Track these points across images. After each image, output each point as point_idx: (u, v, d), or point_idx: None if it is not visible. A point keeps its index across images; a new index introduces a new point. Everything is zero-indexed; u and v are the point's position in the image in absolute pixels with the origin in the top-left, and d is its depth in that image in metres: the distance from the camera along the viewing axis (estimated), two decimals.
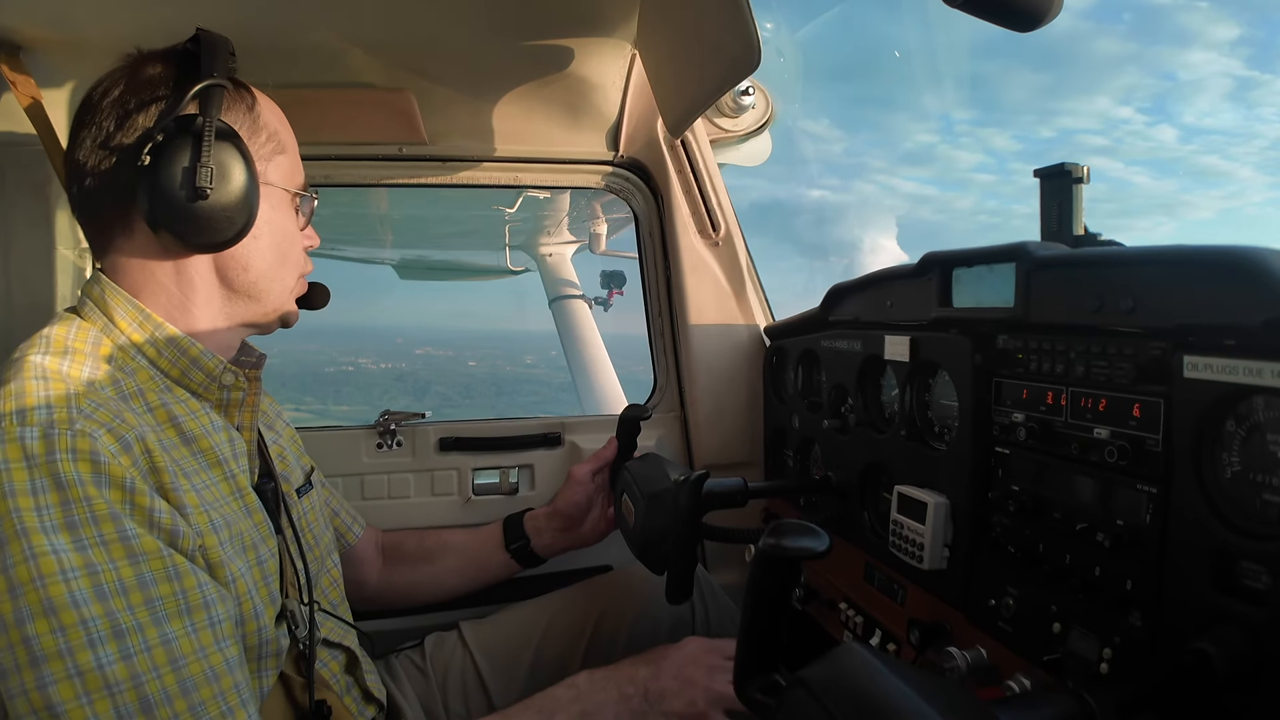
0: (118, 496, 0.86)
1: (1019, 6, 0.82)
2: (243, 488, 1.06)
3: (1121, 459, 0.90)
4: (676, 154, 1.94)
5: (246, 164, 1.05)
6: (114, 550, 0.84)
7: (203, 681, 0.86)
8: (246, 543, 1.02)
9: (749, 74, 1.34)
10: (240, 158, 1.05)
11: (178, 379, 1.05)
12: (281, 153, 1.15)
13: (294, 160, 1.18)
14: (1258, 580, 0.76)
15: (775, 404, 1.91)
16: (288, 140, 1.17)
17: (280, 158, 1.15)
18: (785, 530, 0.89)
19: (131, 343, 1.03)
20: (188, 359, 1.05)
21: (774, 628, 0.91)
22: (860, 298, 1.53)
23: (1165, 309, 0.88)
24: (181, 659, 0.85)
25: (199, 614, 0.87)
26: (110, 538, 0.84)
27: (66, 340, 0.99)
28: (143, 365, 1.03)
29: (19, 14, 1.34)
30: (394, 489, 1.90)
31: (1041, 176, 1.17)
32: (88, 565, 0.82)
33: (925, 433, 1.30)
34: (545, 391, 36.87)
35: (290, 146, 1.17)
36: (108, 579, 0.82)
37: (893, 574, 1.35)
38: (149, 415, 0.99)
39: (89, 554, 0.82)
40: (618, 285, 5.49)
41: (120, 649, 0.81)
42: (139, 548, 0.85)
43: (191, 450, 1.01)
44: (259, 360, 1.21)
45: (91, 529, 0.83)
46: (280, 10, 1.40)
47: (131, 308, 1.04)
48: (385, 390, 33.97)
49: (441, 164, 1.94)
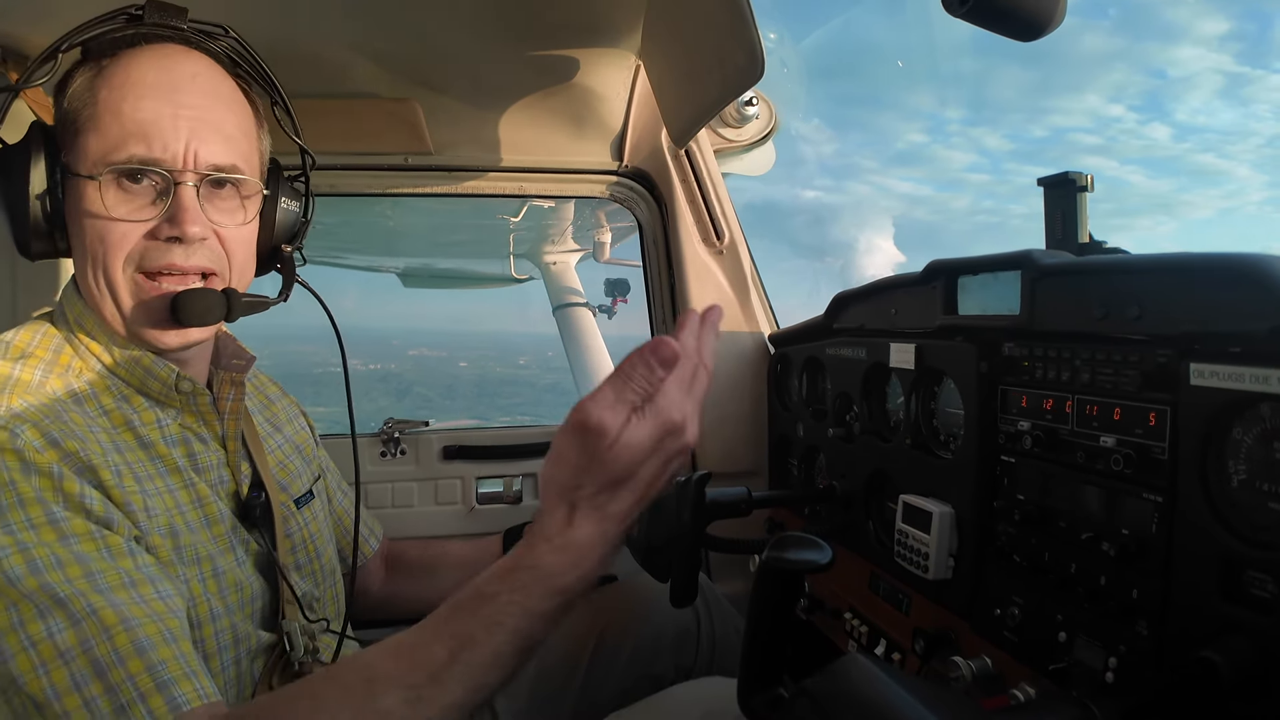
0: (45, 484, 0.85)
1: (1022, 16, 0.83)
2: (203, 498, 1.03)
3: (1127, 467, 0.90)
4: (680, 164, 1.94)
5: (37, 161, 0.96)
6: (43, 533, 0.82)
7: (160, 642, 0.82)
8: (201, 554, 0.99)
9: (753, 84, 1.34)
10: (29, 154, 0.96)
11: (137, 387, 1.03)
12: (84, 131, 0.97)
13: (111, 131, 0.95)
14: (1264, 589, 0.75)
15: (779, 412, 1.90)
16: (103, 108, 0.96)
17: (81, 138, 0.97)
18: (788, 543, 0.89)
19: (89, 351, 1.02)
20: (141, 368, 1.03)
21: (778, 639, 0.90)
22: (865, 305, 1.53)
23: (1171, 316, 0.88)
24: (134, 620, 0.81)
25: (145, 588, 0.85)
26: (38, 521, 0.83)
27: (28, 345, 0.99)
28: (101, 373, 1.02)
29: (28, 23, 1.36)
30: (398, 498, 1.90)
31: (1045, 185, 1.17)
32: (18, 544, 0.81)
33: (930, 441, 1.29)
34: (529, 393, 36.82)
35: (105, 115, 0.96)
36: (40, 554, 0.81)
37: (898, 584, 1.34)
38: (104, 419, 0.98)
39: (18, 535, 0.81)
40: (622, 293, 5.50)
41: (67, 615, 0.79)
42: (69, 529, 0.84)
43: (149, 455, 1.00)
44: (248, 363, 1.17)
45: (18, 513, 0.82)
46: (287, 22, 1.41)
47: (88, 316, 1.03)
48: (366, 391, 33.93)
49: (447, 173, 1.95)
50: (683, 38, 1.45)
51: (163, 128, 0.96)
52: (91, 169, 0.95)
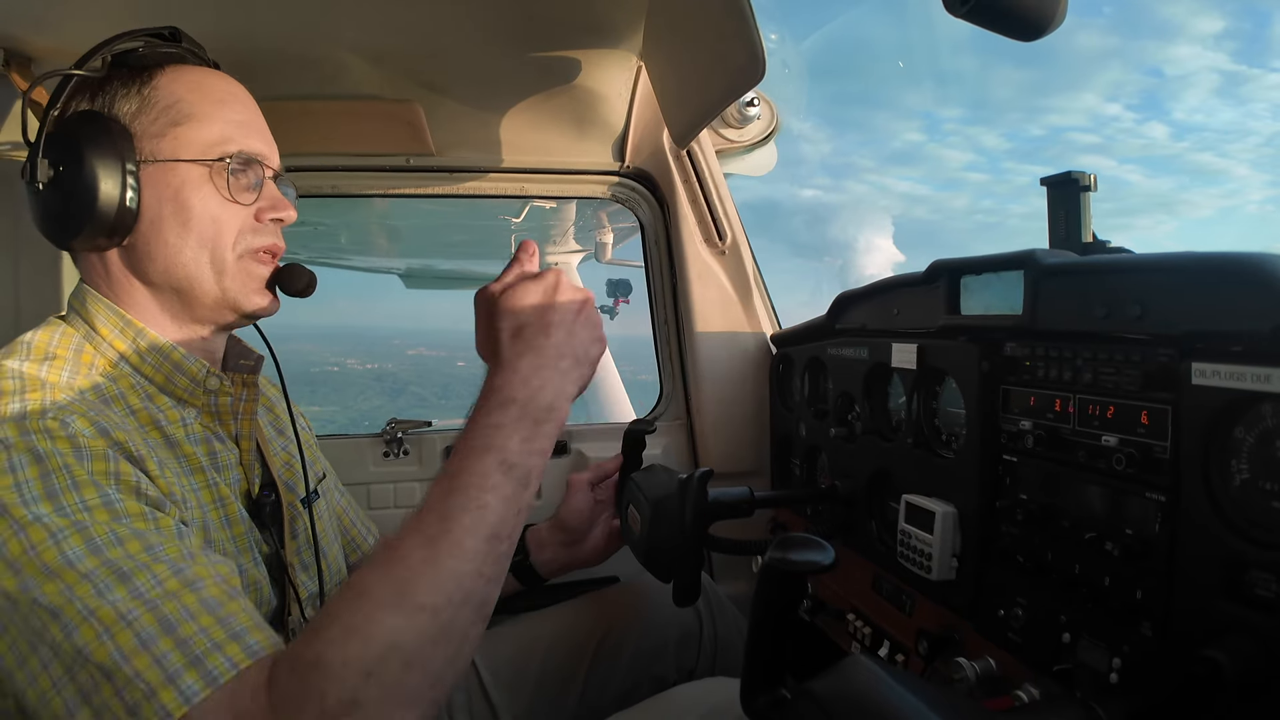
0: (99, 467, 0.85)
1: (1023, 16, 0.83)
2: (224, 497, 1.04)
3: (1130, 466, 0.90)
4: (682, 164, 1.95)
5: (104, 146, 0.98)
6: (98, 514, 0.82)
7: (226, 599, 0.82)
8: (227, 551, 1.00)
9: (754, 85, 1.34)
10: (93, 141, 0.98)
11: (162, 385, 1.04)
12: (184, 122, 1.03)
13: (216, 126, 1.04)
14: (1268, 589, 0.75)
15: (781, 412, 1.90)
16: (203, 106, 1.04)
17: (181, 128, 1.03)
18: (790, 544, 0.88)
19: (114, 349, 1.02)
20: (170, 364, 1.03)
21: (781, 640, 0.90)
22: (867, 305, 1.53)
23: (1173, 316, 0.88)
24: (199, 581, 0.81)
25: (201, 558, 0.84)
26: (93, 503, 0.82)
27: (48, 346, 0.98)
28: (126, 372, 1.02)
29: (31, 26, 1.36)
30: (400, 498, 1.91)
31: (1048, 185, 1.17)
32: (75, 525, 0.80)
33: (932, 441, 1.29)
34: None
35: (207, 111, 1.04)
36: (100, 533, 0.80)
37: (901, 584, 1.34)
38: (131, 418, 0.98)
39: (74, 517, 0.80)
40: (624, 294, 5.49)
41: (130, 589, 0.78)
42: (123, 510, 0.83)
43: (176, 454, 1.00)
44: (256, 364, 1.18)
45: (73, 495, 0.82)
46: (288, 23, 1.41)
47: (112, 314, 1.03)
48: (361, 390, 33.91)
49: (448, 175, 1.96)
50: (684, 38, 1.45)
51: (259, 128, 1.10)
52: (202, 154, 1.03)
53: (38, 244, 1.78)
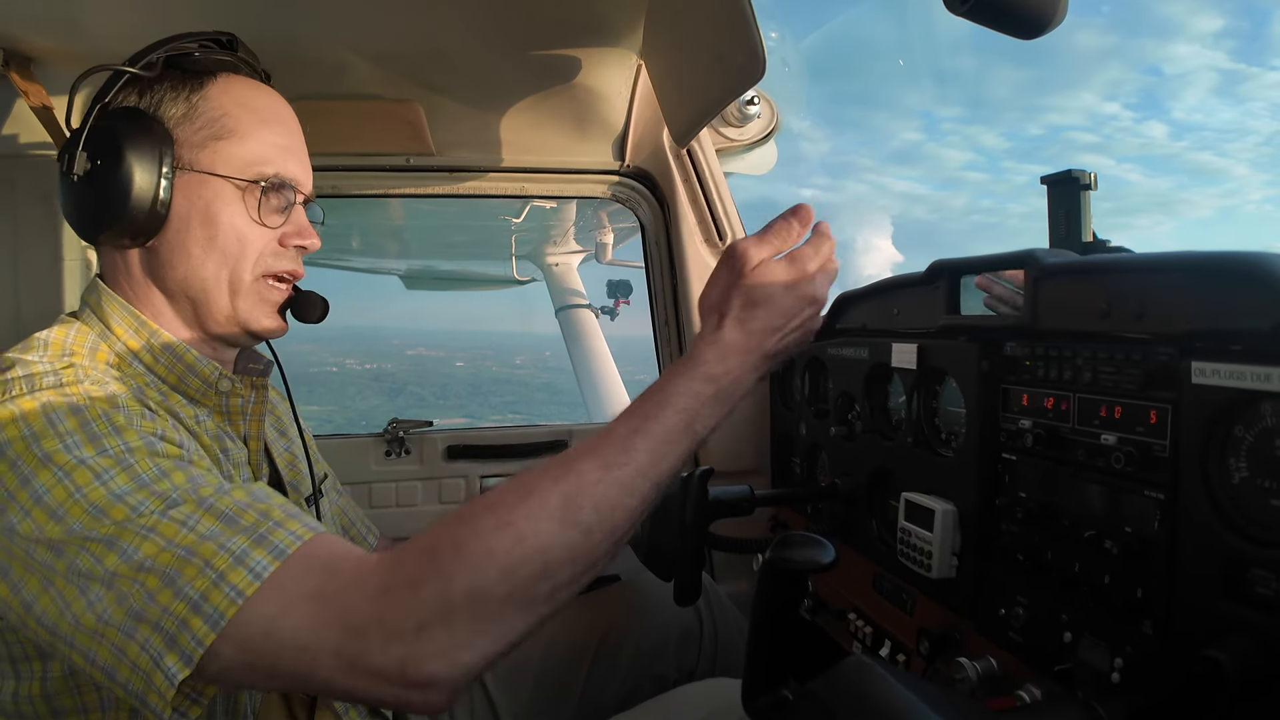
0: (137, 412, 0.88)
1: (1023, 14, 0.83)
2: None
3: (1129, 465, 0.90)
4: (682, 163, 1.94)
5: (147, 148, 0.99)
6: (139, 454, 0.82)
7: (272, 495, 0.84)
8: None
9: (754, 83, 1.34)
10: (138, 142, 0.99)
11: (175, 385, 1.04)
12: (226, 137, 1.03)
13: (256, 146, 1.05)
14: (1268, 587, 0.75)
15: (782, 411, 1.90)
16: (247, 124, 1.05)
17: (222, 143, 1.03)
18: (791, 542, 0.89)
19: (128, 349, 1.02)
20: (183, 365, 1.04)
21: (782, 640, 0.90)
22: (867, 305, 1.53)
23: (1173, 315, 0.88)
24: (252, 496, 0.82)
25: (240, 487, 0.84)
26: (135, 445, 0.83)
27: (64, 343, 0.98)
28: (140, 371, 1.02)
29: (30, 25, 1.36)
30: (402, 497, 1.91)
31: (1049, 184, 1.17)
32: (120, 462, 0.81)
33: (932, 439, 1.29)
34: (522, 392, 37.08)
35: (250, 131, 1.05)
36: (145, 469, 0.81)
37: (901, 583, 1.34)
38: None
39: (117, 456, 0.81)
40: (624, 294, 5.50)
41: (180, 513, 0.78)
42: (163, 450, 0.84)
43: (196, 444, 1.00)
44: (266, 367, 1.20)
45: (115, 439, 0.83)
46: (289, 23, 1.41)
47: (127, 314, 1.04)
48: (359, 390, 33.93)
49: (449, 174, 1.96)
50: (684, 37, 1.45)
51: (299, 151, 1.11)
52: (238, 173, 1.03)
53: (38, 244, 1.80)
